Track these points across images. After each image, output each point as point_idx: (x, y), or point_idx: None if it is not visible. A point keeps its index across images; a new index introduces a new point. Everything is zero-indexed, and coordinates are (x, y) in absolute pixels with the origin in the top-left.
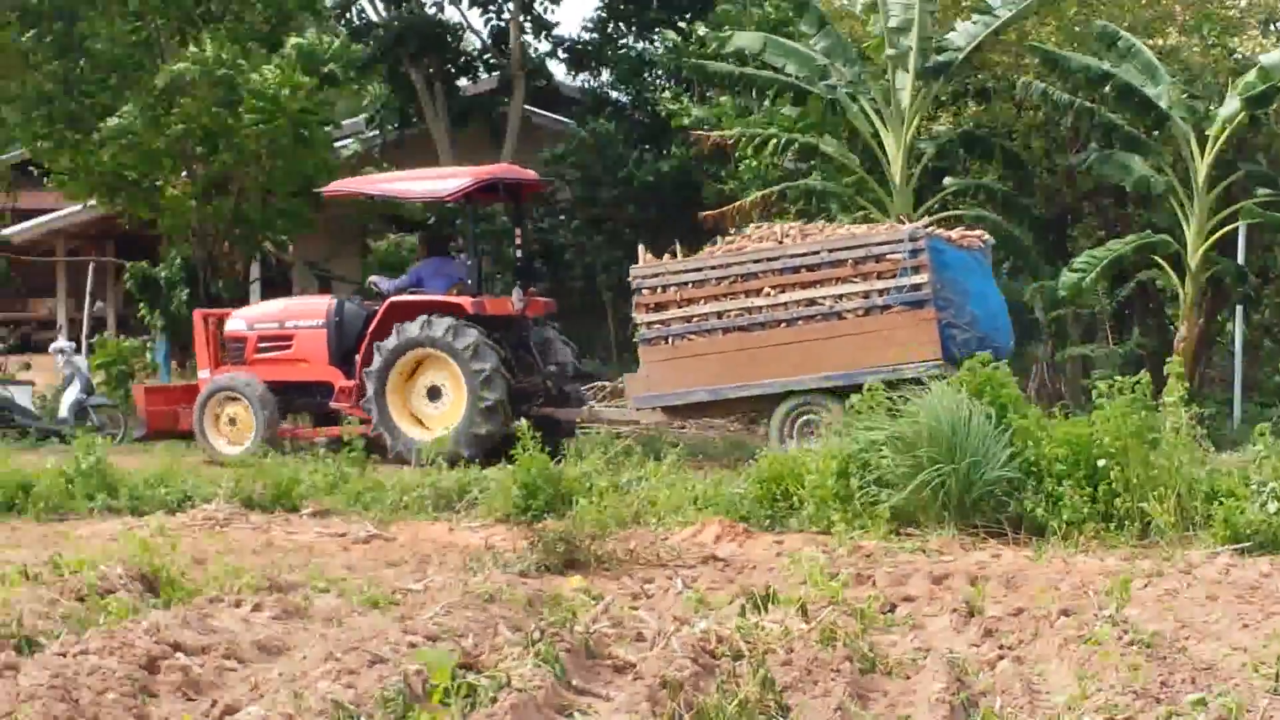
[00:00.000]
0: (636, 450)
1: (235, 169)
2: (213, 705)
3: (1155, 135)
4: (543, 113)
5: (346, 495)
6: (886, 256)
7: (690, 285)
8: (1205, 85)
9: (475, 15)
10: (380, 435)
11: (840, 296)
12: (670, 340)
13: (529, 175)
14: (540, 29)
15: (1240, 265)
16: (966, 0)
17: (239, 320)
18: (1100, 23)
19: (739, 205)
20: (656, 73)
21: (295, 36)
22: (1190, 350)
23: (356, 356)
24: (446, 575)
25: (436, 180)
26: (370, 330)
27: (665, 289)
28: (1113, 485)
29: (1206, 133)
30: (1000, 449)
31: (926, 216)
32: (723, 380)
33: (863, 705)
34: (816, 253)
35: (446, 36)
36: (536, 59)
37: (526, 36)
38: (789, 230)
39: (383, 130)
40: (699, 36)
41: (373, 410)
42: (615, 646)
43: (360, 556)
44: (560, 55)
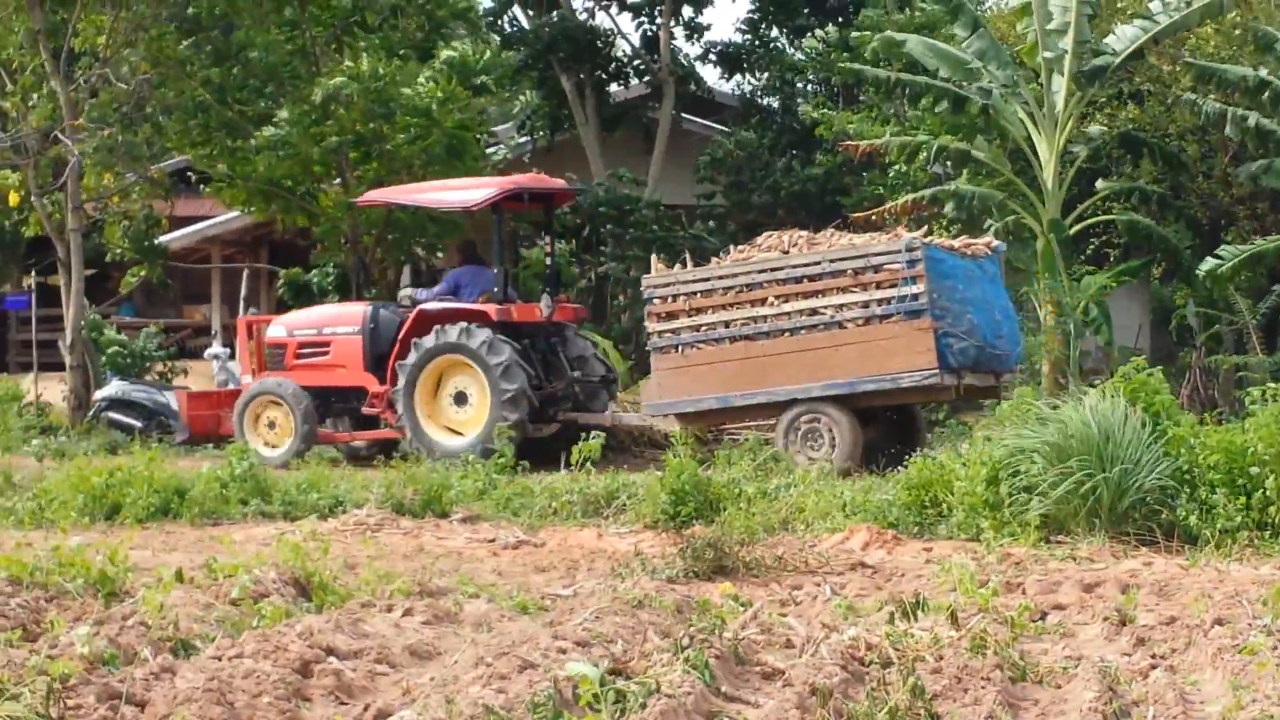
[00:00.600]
0: (784, 456)
1: (387, 179)
2: (365, 709)
3: None
4: (693, 118)
5: (496, 501)
6: (885, 266)
7: (699, 295)
8: None
9: (626, 20)
10: (414, 444)
11: (841, 306)
12: (680, 349)
13: (557, 184)
14: (692, 33)
15: None
16: (1122, 2)
17: (279, 327)
18: (1263, 27)
19: (889, 209)
20: (807, 77)
21: (447, 47)
22: None
23: (390, 362)
24: (595, 581)
25: (465, 190)
26: (401, 337)
27: (676, 298)
28: (1267, 493)
29: None
30: (1153, 456)
31: (1078, 220)
32: (730, 388)
33: (1013, 714)
34: (818, 263)
35: (597, 42)
36: (686, 65)
37: (677, 41)
38: (796, 240)
39: (533, 136)
40: (852, 39)
41: (403, 418)
42: (764, 653)
43: (509, 562)
44: (711, 60)
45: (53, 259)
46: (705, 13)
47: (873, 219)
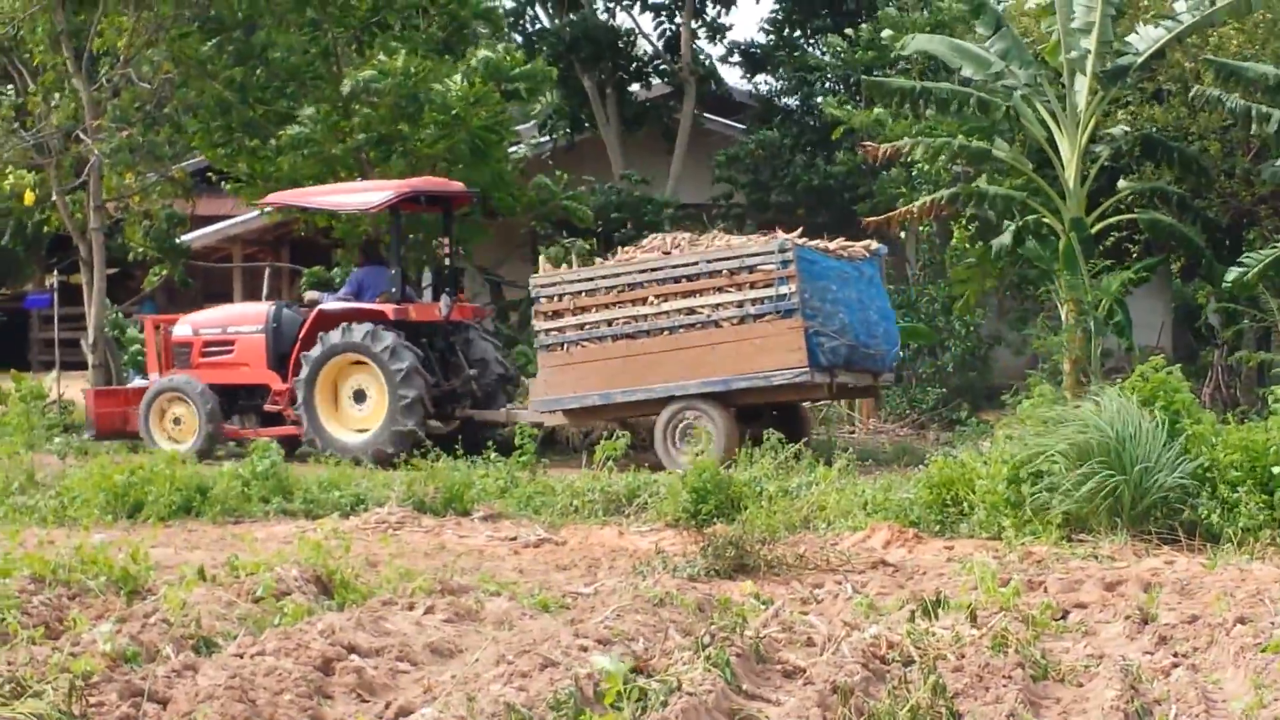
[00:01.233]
0: (806, 455)
1: (409, 177)
2: (386, 707)
3: None
4: (714, 118)
5: (517, 499)
6: (759, 267)
7: (584, 294)
8: None
9: (647, 21)
10: (313, 440)
11: (718, 306)
12: (566, 347)
13: (455, 187)
14: (713, 33)
15: None
16: (1146, 0)
17: (185, 326)
18: None
19: (908, 209)
20: (827, 76)
21: (478, 49)
22: None
23: (291, 361)
24: (616, 579)
25: (363, 193)
26: (302, 336)
27: (562, 298)
28: None
29: None
30: (1173, 455)
31: (1100, 219)
32: (613, 385)
33: (1035, 712)
34: (696, 263)
35: (618, 42)
36: (707, 65)
37: (698, 42)
38: (678, 241)
39: (554, 136)
40: (874, 40)
41: (303, 415)
42: (785, 651)
43: (531, 560)
44: (732, 60)
45: (74, 258)
46: (725, 15)
47: (888, 224)
